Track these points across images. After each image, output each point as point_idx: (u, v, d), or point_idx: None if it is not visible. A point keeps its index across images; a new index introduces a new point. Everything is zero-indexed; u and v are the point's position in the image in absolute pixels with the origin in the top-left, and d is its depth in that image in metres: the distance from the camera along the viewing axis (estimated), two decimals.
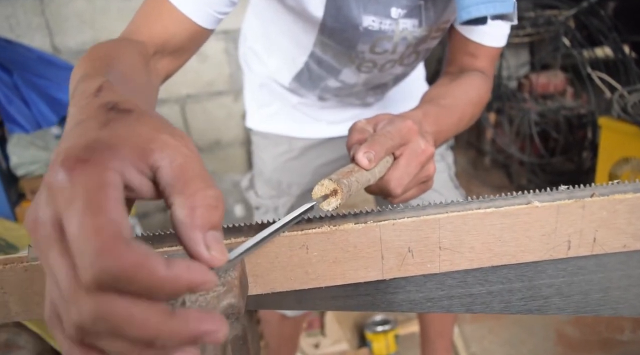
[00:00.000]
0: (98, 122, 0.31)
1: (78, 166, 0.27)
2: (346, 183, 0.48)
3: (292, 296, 0.46)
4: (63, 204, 0.26)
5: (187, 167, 0.30)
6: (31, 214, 0.28)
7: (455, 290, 0.46)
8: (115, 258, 0.24)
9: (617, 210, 0.41)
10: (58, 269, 0.26)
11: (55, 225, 0.27)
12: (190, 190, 0.29)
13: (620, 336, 1.83)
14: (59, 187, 0.27)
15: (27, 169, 1.85)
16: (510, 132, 2.88)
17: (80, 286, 0.25)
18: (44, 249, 0.27)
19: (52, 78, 2.01)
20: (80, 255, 0.25)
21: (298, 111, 1.05)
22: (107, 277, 0.24)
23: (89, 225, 0.25)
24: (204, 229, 0.29)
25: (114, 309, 0.25)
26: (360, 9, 0.74)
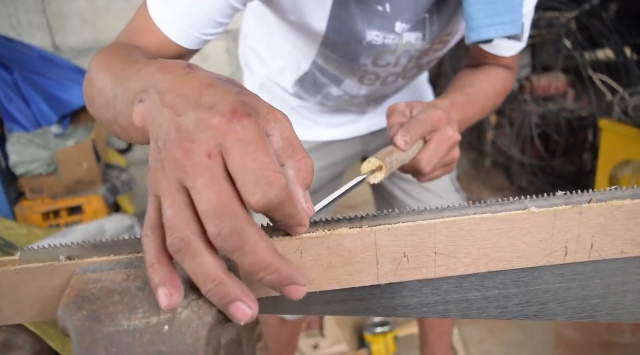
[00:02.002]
0: (232, 88, 0.36)
1: (246, 117, 0.33)
2: (389, 161, 0.59)
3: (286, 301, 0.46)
4: (234, 143, 0.32)
5: (293, 139, 0.37)
6: (183, 144, 0.33)
7: (451, 296, 0.46)
8: (281, 190, 0.33)
9: (615, 216, 0.41)
10: (209, 189, 0.31)
11: (215, 156, 0.32)
12: (297, 157, 0.37)
13: (621, 339, 1.82)
14: (230, 129, 0.33)
15: (26, 168, 1.84)
16: (511, 134, 2.87)
17: (232, 205, 0.32)
18: (194, 172, 0.32)
19: (53, 77, 2.01)
20: (254, 184, 0.32)
21: (298, 114, 1.05)
22: (275, 202, 0.33)
23: (261, 162, 0.32)
24: (304, 187, 0.38)
25: (250, 232, 0.32)
26: (364, 24, 0.73)
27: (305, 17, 0.73)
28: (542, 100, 2.85)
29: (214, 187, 0.32)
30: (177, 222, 0.32)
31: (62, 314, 0.36)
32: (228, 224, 0.31)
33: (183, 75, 0.38)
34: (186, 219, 0.32)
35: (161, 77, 0.39)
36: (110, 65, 0.51)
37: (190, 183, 0.32)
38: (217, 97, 0.35)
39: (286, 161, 0.37)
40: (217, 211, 0.31)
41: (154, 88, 0.38)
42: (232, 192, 0.32)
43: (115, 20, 2.26)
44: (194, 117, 0.34)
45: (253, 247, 0.32)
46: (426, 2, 0.72)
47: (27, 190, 1.90)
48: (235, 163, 0.32)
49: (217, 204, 0.31)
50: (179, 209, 0.33)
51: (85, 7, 2.22)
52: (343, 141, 1.09)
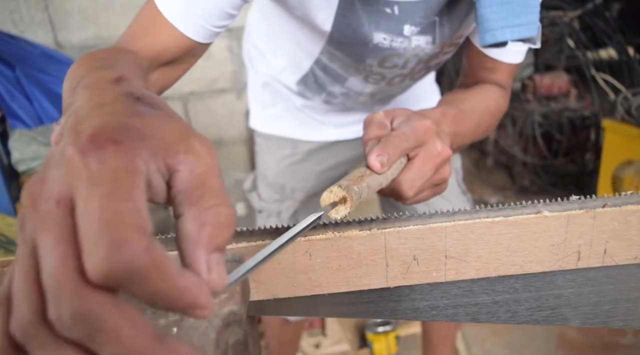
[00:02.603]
0: (127, 109, 0.29)
1: (109, 146, 0.25)
2: (356, 190, 0.46)
3: (294, 302, 0.45)
4: (83, 183, 0.24)
5: (207, 179, 0.28)
6: (34, 186, 0.25)
7: (460, 300, 0.45)
8: (136, 253, 0.22)
9: (629, 221, 0.40)
10: (50, 252, 0.23)
11: (63, 204, 0.24)
12: (205, 204, 0.27)
13: (623, 340, 1.82)
14: (82, 164, 0.24)
15: (28, 164, 1.84)
16: (513, 133, 2.87)
17: (76, 277, 0.23)
18: (38, 227, 0.24)
19: (55, 74, 2.00)
20: (95, 243, 0.22)
21: (303, 114, 1.04)
22: (122, 272, 0.22)
23: (113, 211, 0.23)
24: (209, 249, 0.26)
25: (106, 314, 0.22)
26: (371, 26, 0.71)
27: (311, 14, 0.72)
28: (545, 100, 2.84)
29: (56, 250, 0.23)
30: (20, 299, 0.24)
31: None
32: (68, 304, 0.22)
33: (99, 90, 0.32)
34: (30, 296, 0.24)
35: (82, 92, 0.33)
36: (73, 75, 0.47)
37: (38, 241, 0.24)
38: (94, 120, 0.27)
39: (186, 209, 0.27)
40: (58, 285, 0.23)
41: (71, 107, 0.32)
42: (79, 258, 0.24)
43: (116, 17, 2.25)
44: (60, 145, 0.27)
45: (113, 335, 0.22)
46: (436, 4, 0.69)
47: None
48: (78, 212, 0.24)
49: (57, 274, 0.23)
50: (25, 280, 0.24)
51: (87, 4, 2.21)
52: (348, 141, 1.08)
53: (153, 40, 0.64)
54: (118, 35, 0.67)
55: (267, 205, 1.14)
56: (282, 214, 1.13)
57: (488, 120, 0.77)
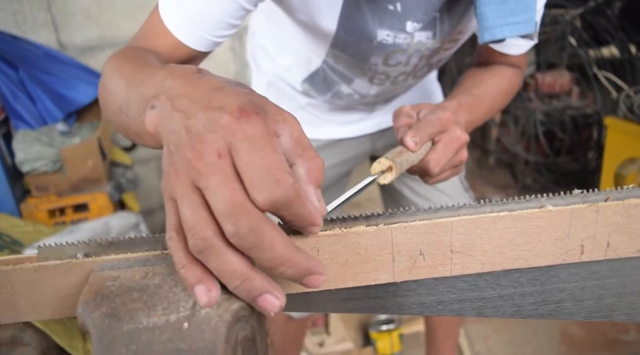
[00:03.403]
0: (241, 89, 0.37)
1: (254, 115, 0.34)
2: (398, 161, 0.58)
3: (301, 298, 0.46)
4: (242, 142, 0.32)
5: (303, 139, 0.37)
6: (195, 144, 0.33)
7: (466, 294, 0.46)
8: (289, 188, 0.32)
9: (631, 215, 0.41)
10: (222, 188, 0.32)
11: (224, 155, 0.32)
12: (307, 156, 0.37)
13: (625, 336, 1.83)
14: (238, 128, 0.33)
15: (32, 165, 1.85)
16: (515, 132, 2.87)
17: (246, 204, 0.32)
18: (207, 172, 0.32)
19: (58, 74, 2.01)
20: (261, 181, 0.32)
21: (306, 112, 1.04)
22: (281, 200, 0.32)
23: (270, 160, 0.32)
24: (315, 185, 0.37)
25: (267, 228, 0.32)
26: (375, 23, 0.73)
27: (315, 17, 0.73)
28: (547, 98, 2.85)
29: (226, 186, 0.32)
30: (196, 222, 0.32)
31: (82, 311, 0.37)
32: (244, 222, 0.31)
33: (193, 80, 0.38)
34: (204, 219, 0.33)
35: (172, 82, 0.39)
36: (123, 69, 0.52)
37: (204, 183, 0.32)
38: (226, 98, 0.35)
39: (296, 160, 0.37)
40: (233, 210, 0.31)
41: (165, 93, 0.39)
42: (244, 191, 0.32)
43: (119, 17, 2.26)
44: (203, 118, 0.34)
45: (271, 243, 0.32)
46: (437, 1, 0.71)
47: (32, 187, 1.91)
48: (242, 161, 0.32)
49: (231, 202, 0.31)
50: (196, 209, 0.33)
51: (89, 4, 2.22)
52: (351, 139, 1.09)
53: (158, 47, 0.66)
54: (120, 35, 0.69)
55: None
56: None
57: (501, 101, 0.86)
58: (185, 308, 0.36)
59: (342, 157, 1.11)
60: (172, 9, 0.65)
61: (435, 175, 0.68)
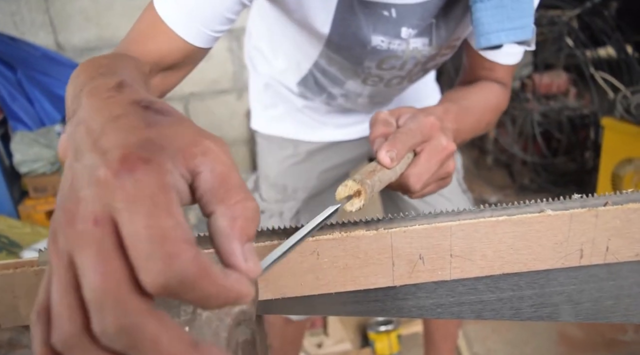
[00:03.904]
0: (141, 120, 0.29)
1: (140, 166, 0.26)
2: (369, 183, 0.48)
3: (302, 301, 0.46)
4: (122, 204, 0.25)
5: (228, 176, 0.29)
6: (68, 204, 0.27)
7: (465, 297, 0.46)
8: (187, 264, 0.24)
9: (630, 219, 0.41)
10: (92, 268, 0.24)
11: (102, 223, 0.25)
12: (231, 200, 0.29)
13: (623, 336, 1.83)
14: (118, 185, 0.25)
15: (30, 166, 1.85)
16: (513, 132, 2.88)
17: (121, 291, 0.24)
18: (77, 245, 0.25)
19: (56, 75, 2.01)
20: (148, 259, 0.24)
21: (303, 114, 1.04)
22: (177, 282, 0.24)
23: (159, 228, 0.24)
24: (242, 241, 0.28)
25: (147, 325, 0.24)
26: (369, 29, 0.72)
27: (309, 17, 0.73)
28: (544, 98, 2.85)
29: (98, 267, 0.24)
30: (61, 312, 0.25)
31: None
32: (112, 318, 0.24)
33: (103, 100, 0.32)
34: (72, 309, 0.25)
35: (86, 100, 0.33)
36: (76, 78, 0.46)
37: (77, 258, 0.25)
38: (114, 137, 0.28)
39: (216, 207, 0.29)
40: (101, 299, 0.24)
41: (76, 115, 0.33)
42: (124, 272, 0.25)
43: (117, 18, 2.26)
44: (87, 164, 0.27)
45: (153, 345, 0.24)
46: (433, 7, 0.70)
47: (30, 188, 1.91)
48: (124, 231, 0.25)
49: (100, 290, 0.24)
50: (65, 293, 0.25)
51: (87, 5, 2.22)
52: (350, 141, 1.09)
53: (153, 46, 0.65)
54: (119, 36, 0.69)
55: (269, 206, 1.15)
56: (284, 214, 1.13)
57: (489, 117, 0.80)
58: (186, 312, 0.36)
59: (340, 159, 1.11)
60: (170, 4, 0.65)
61: (416, 192, 0.60)
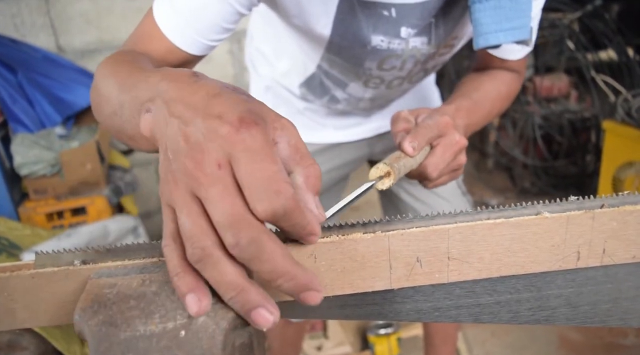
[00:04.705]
0: (239, 97, 0.36)
1: (254, 126, 0.33)
2: (397, 167, 0.58)
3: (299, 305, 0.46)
4: (242, 152, 0.32)
5: (300, 146, 0.37)
6: (195, 154, 0.33)
7: (463, 300, 0.46)
8: (289, 199, 0.32)
9: (627, 221, 0.41)
10: (222, 200, 0.32)
11: (224, 166, 0.33)
12: (305, 163, 0.37)
13: (624, 340, 1.83)
14: (238, 138, 0.33)
15: (30, 168, 1.85)
16: (513, 135, 2.88)
17: (247, 215, 0.32)
18: (206, 183, 0.32)
19: (57, 78, 2.01)
20: (261, 192, 0.32)
21: (304, 116, 1.05)
22: (281, 211, 0.32)
23: (270, 171, 0.32)
24: (313, 193, 0.37)
25: (267, 240, 0.32)
26: (369, 29, 0.73)
27: (310, 22, 0.73)
28: (545, 101, 2.85)
29: (226, 198, 0.32)
30: (195, 232, 0.33)
31: (79, 319, 0.36)
32: (245, 233, 0.31)
33: (189, 84, 0.38)
34: (203, 229, 0.33)
35: (167, 86, 0.39)
36: (116, 72, 0.51)
37: (203, 194, 0.32)
38: (224, 106, 0.35)
39: (294, 168, 0.37)
40: (233, 221, 0.31)
41: (160, 97, 0.38)
42: (244, 203, 0.32)
43: (118, 21, 2.26)
44: (202, 127, 0.34)
45: (271, 255, 0.32)
46: (432, 6, 0.71)
47: (30, 190, 1.90)
48: (242, 172, 0.32)
49: (231, 214, 0.32)
50: (195, 219, 0.33)
51: (88, 8, 2.22)
52: (349, 143, 1.09)
53: (152, 50, 0.66)
54: (119, 38, 0.69)
55: None
56: None
57: (499, 106, 0.86)
58: (183, 316, 0.36)
59: (340, 161, 1.11)
60: (167, 12, 0.65)
61: (433, 180, 0.69)
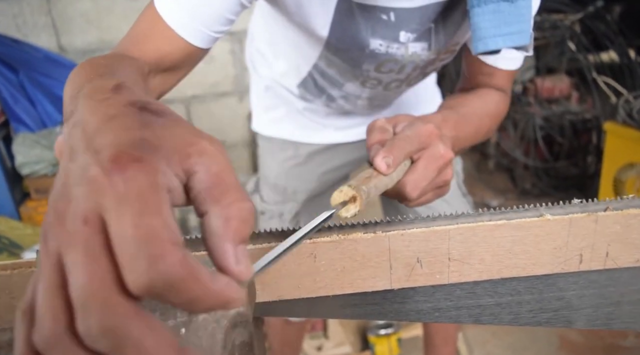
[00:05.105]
0: (135, 121, 0.29)
1: (131, 165, 0.26)
2: (365, 189, 0.47)
3: (299, 304, 0.46)
4: (112, 203, 0.25)
5: (223, 176, 0.29)
6: (58, 204, 0.26)
7: (463, 301, 0.46)
8: (173, 265, 0.24)
9: (630, 224, 0.41)
10: (80, 268, 0.24)
11: (91, 222, 0.25)
12: (226, 200, 0.28)
13: (624, 342, 1.82)
14: (108, 184, 0.25)
15: (32, 168, 1.85)
16: (514, 136, 2.87)
17: (108, 292, 0.24)
18: (66, 244, 0.25)
19: (58, 77, 2.02)
20: (134, 259, 0.23)
21: (304, 117, 1.05)
22: (162, 284, 0.24)
23: (147, 228, 0.24)
24: (235, 242, 0.28)
25: (132, 328, 0.24)
26: (368, 32, 0.72)
27: (308, 21, 0.73)
28: (546, 103, 2.85)
29: (85, 266, 0.24)
30: (44, 311, 0.25)
31: None
32: (96, 318, 0.23)
33: (100, 101, 0.31)
34: (55, 309, 0.25)
35: (83, 102, 0.32)
36: (72, 81, 0.47)
37: (65, 258, 0.25)
38: (107, 137, 0.27)
39: (210, 207, 0.28)
40: (87, 300, 0.24)
41: (73, 117, 0.32)
42: (111, 272, 0.24)
43: (119, 21, 2.26)
44: (80, 164, 0.27)
45: (136, 348, 0.24)
46: (432, 11, 0.70)
47: (32, 190, 1.91)
48: (112, 230, 0.25)
49: (86, 289, 0.24)
50: (51, 294, 0.25)
51: (89, 8, 2.22)
52: (350, 143, 1.09)
53: (153, 46, 0.65)
54: (120, 39, 0.68)
55: (269, 207, 1.15)
56: (284, 215, 1.13)
57: (488, 124, 0.79)
58: (183, 314, 0.36)
59: (340, 161, 1.11)
60: (171, 4, 0.65)
61: (413, 200, 0.58)
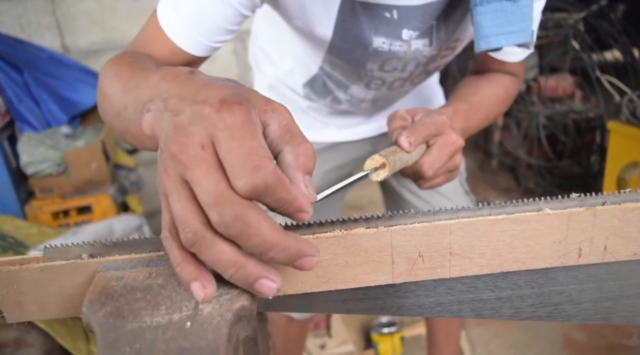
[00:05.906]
0: (226, 85, 0.37)
1: (234, 105, 0.34)
2: (392, 159, 0.58)
3: (302, 299, 0.46)
4: (222, 131, 0.33)
5: (291, 126, 0.38)
6: (180, 138, 0.34)
7: (464, 296, 0.46)
8: (269, 173, 0.32)
9: (628, 218, 0.41)
10: (206, 179, 0.32)
11: (207, 147, 0.33)
12: (295, 142, 0.37)
13: (628, 341, 1.82)
14: (219, 118, 0.33)
15: (36, 167, 1.86)
16: (518, 135, 2.87)
17: (230, 192, 0.32)
18: (191, 165, 0.33)
19: (62, 77, 2.02)
20: (240, 168, 0.32)
21: (307, 115, 1.05)
22: (261, 185, 0.32)
23: (249, 147, 0.33)
24: (304, 172, 0.37)
25: (252, 215, 0.32)
26: (371, 31, 0.73)
27: (311, 23, 0.74)
28: (550, 102, 2.85)
29: (209, 177, 0.32)
30: (185, 216, 0.33)
31: (86, 310, 0.37)
32: (228, 210, 0.32)
33: (185, 80, 0.39)
34: (192, 212, 0.33)
35: (165, 85, 0.40)
36: (119, 74, 0.53)
37: (189, 176, 0.33)
38: (210, 92, 0.36)
39: (284, 146, 0.37)
40: (217, 199, 0.32)
41: (159, 96, 0.39)
42: (227, 181, 0.33)
43: (123, 21, 2.27)
44: (188, 113, 0.35)
45: (257, 229, 0.32)
46: (434, 9, 0.71)
47: (37, 189, 1.92)
48: (223, 150, 0.33)
49: (215, 192, 0.32)
50: (184, 203, 0.34)
51: (93, 8, 2.23)
52: (352, 142, 1.10)
53: (156, 52, 0.67)
54: (124, 39, 0.70)
55: None
56: None
57: (497, 109, 0.85)
58: (188, 307, 0.37)
59: (342, 160, 1.12)
60: (170, 14, 0.66)
61: (428, 179, 0.68)
